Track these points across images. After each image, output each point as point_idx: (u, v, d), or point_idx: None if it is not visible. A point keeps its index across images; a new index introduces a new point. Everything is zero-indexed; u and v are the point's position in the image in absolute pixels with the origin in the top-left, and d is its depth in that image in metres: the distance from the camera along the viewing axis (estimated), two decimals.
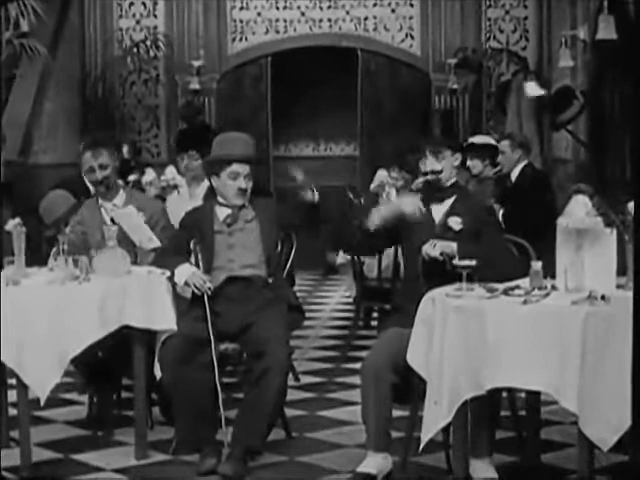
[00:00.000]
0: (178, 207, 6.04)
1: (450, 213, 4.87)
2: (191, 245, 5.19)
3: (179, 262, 5.11)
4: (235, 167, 5.17)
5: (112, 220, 5.60)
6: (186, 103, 11.57)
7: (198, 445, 4.88)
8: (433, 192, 4.92)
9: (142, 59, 11.74)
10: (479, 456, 4.49)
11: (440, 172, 4.89)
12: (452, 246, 4.64)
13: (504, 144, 7.80)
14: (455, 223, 4.80)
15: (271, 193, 9.71)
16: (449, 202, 4.93)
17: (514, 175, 7.77)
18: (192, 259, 5.23)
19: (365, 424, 4.60)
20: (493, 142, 8.09)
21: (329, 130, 13.21)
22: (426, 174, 4.91)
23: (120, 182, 5.99)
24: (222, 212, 5.24)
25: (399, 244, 5.16)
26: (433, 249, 4.67)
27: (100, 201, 5.71)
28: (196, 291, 5.03)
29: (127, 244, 5.36)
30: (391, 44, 11.91)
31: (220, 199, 5.26)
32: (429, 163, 4.90)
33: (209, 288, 5.02)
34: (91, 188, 6.72)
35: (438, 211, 4.92)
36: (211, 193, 5.65)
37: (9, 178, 9.37)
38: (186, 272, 5.07)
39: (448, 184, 4.94)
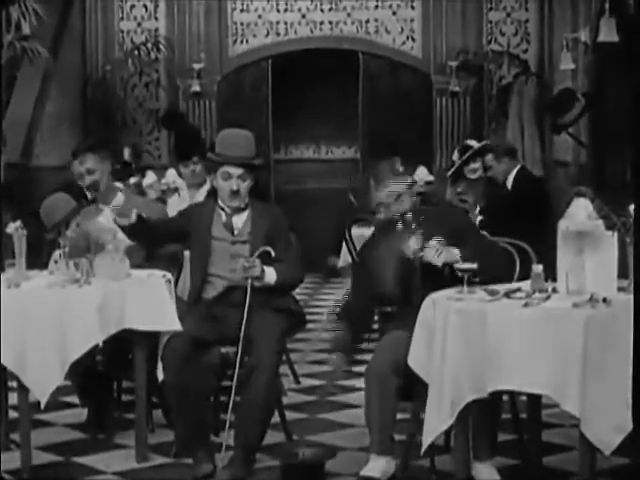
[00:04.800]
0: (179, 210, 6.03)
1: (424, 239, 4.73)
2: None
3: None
4: (226, 168, 5.09)
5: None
6: (167, 112, 11.58)
7: (194, 448, 4.87)
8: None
9: (143, 62, 11.74)
10: (481, 459, 4.49)
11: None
12: (455, 254, 4.62)
13: (488, 159, 7.74)
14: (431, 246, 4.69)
15: (269, 198, 9.70)
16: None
17: (509, 182, 7.76)
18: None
19: (369, 428, 4.59)
20: (475, 144, 8.01)
21: (330, 133, 13.20)
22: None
23: (118, 184, 5.99)
24: (221, 216, 5.18)
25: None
26: (437, 258, 4.64)
27: (100, 205, 5.72)
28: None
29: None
30: (392, 46, 11.92)
31: (220, 201, 5.23)
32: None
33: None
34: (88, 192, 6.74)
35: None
36: (212, 195, 5.63)
37: (10, 180, 9.37)
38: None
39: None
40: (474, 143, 8.11)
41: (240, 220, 5.17)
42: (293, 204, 11.18)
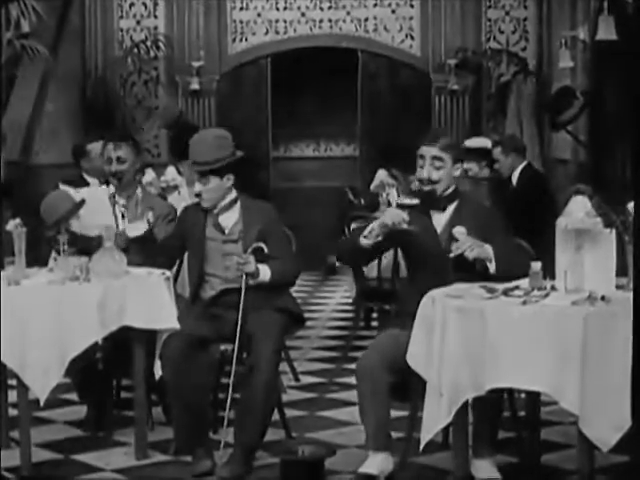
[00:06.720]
0: (179, 207, 6.04)
1: (452, 222, 4.69)
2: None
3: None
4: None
5: (122, 215, 5.65)
6: (166, 107, 11.57)
7: (193, 446, 4.88)
8: (432, 200, 4.73)
9: (142, 60, 11.73)
10: (482, 456, 4.50)
11: (436, 182, 4.70)
12: (489, 252, 4.54)
13: (496, 152, 7.77)
14: (460, 233, 4.59)
15: (267, 197, 9.70)
16: (450, 210, 4.77)
17: (514, 178, 7.76)
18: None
19: (364, 424, 4.60)
20: (489, 144, 8.04)
21: (329, 131, 13.21)
22: (422, 182, 4.73)
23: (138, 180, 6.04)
24: (213, 216, 5.19)
25: (400, 248, 5.07)
26: (469, 252, 4.51)
27: (116, 197, 5.75)
28: None
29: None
30: (391, 45, 11.91)
31: None
32: (426, 172, 4.70)
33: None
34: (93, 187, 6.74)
35: (439, 220, 4.76)
36: None
37: (10, 178, 9.37)
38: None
39: (447, 193, 4.75)
40: (478, 142, 8.13)
41: (230, 219, 5.18)
42: (292, 202, 11.21)
